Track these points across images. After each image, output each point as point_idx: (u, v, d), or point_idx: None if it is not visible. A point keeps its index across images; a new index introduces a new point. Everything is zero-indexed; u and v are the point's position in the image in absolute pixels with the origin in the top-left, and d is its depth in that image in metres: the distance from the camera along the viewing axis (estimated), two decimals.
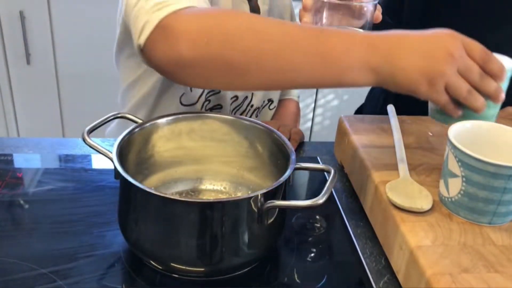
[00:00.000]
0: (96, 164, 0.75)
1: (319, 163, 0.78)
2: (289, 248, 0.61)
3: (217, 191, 0.67)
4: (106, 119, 0.62)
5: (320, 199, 0.50)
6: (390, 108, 0.78)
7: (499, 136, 0.58)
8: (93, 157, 0.76)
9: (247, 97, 0.89)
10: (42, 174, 0.71)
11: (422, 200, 0.57)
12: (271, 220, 0.54)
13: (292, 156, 0.57)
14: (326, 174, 0.75)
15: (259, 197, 0.51)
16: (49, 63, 1.80)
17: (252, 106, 0.90)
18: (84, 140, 0.57)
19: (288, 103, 1.02)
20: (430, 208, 0.57)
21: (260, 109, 0.94)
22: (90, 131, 0.59)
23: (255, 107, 0.91)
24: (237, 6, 0.83)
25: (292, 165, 0.55)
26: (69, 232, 0.60)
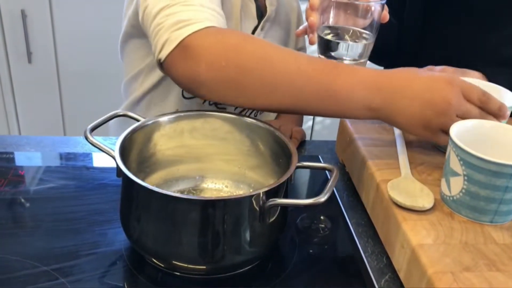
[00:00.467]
0: (98, 162, 0.75)
1: (321, 162, 0.78)
2: (291, 247, 0.61)
3: (219, 190, 0.67)
4: (108, 118, 0.62)
5: (322, 198, 0.50)
6: None
7: (501, 135, 0.58)
8: (95, 155, 0.76)
9: None
10: (44, 172, 0.71)
11: (424, 199, 0.57)
12: (273, 219, 0.54)
13: (294, 155, 0.57)
14: (328, 173, 0.75)
15: (261, 195, 0.51)
16: (51, 62, 1.80)
17: None
18: (87, 138, 0.57)
19: None
20: (432, 207, 0.57)
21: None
22: (92, 130, 0.59)
23: None
24: (245, 6, 0.84)
25: (294, 164, 0.55)
26: (71, 230, 0.60)
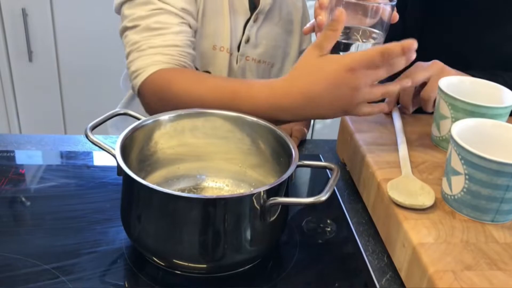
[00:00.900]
0: (99, 161, 0.75)
1: (321, 161, 0.78)
2: (292, 245, 0.61)
3: (220, 188, 0.67)
4: (109, 116, 0.62)
5: (323, 196, 0.50)
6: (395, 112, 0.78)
7: (502, 134, 0.58)
8: (96, 154, 0.76)
9: None
10: (45, 171, 0.71)
11: (424, 197, 0.57)
12: (274, 217, 0.54)
13: (295, 153, 0.57)
14: (329, 172, 0.75)
15: (262, 194, 0.51)
16: (51, 61, 1.80)
17: None
18: (87, 137, 0.57)
19: None
20: (433, 206, 0.57)
21: None
22: (93, 128, 0.59)
23: None
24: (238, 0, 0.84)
25: (295, 162, 0.55)
26: (72, 229, 0.60)
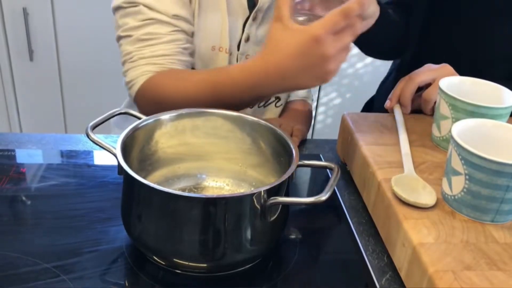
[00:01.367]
0: (99, 160, 0.75)
1: (322, 161, 0.78)
2: (292, 245, 0.61)
3: (220, 188, 0.67)
4: (109, 116, 0.62)
5: (323, 196, 0.50)
6: (397, 108, 0.78)
7: (503, 134, 0.58)
8: (96, 153, 0.76)
9: None
10: (46, 170, 0.71)
11: (427, 196, 0.57)
12: (274, 217, 0.54)
13: (295, 153, 0.57)
14: (329, 172, 0.75)
15: (262, 194, 0.51)
16: (52, 60, 1.80)
17: None
18: (88, 136, 0.58)
19: (296, 103, 1.02)
20: (433, 206, 0.57)
21: (266, 105, 0.94)
22: (94, 127, 0.59)
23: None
24: None
25: (296, 162, 0.55)
26: (73, 227, 0.60)
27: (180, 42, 0.80)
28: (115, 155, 0.54)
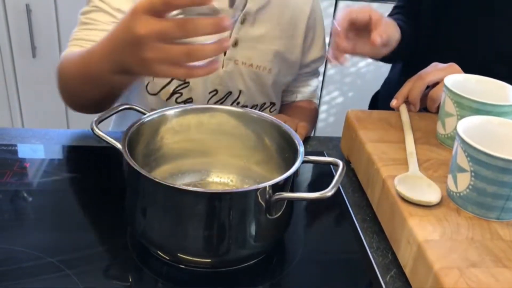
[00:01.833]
0: (103, 155, 0.75)
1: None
2: (296, 242, 0.61)
3: (224, 184, 0.67)
4: (114, 110, 0.62)
5: (329, 192, 0.50)
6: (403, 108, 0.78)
7: (508, 132, 0.58)
8: (100, 148, 0.76)
9: (231, 93, 0.88)
10: (49, 165, 0.71)
11: (431, 194, 0.57)
12: (279, 213, 0.54)
13: (300, 149, 0.56)
14: (333, 168, 0.75)
15: (268, 189, 0.50)
16: (55, 56, 1.80)
17: (239, 104, 0.90)
18: (93, 131, 0.57)
19: (302, 102, 1.02)
20: (438, 203, 0.57)
21: (258, 109, 0.93)
22: (99, 122, 0.59)
23: (245, 105, 0.91)
24: None
25: (301, 158, 0.55)
26: (76, 222, 0.60)
27: None
28: (120, 150, 0.54)
